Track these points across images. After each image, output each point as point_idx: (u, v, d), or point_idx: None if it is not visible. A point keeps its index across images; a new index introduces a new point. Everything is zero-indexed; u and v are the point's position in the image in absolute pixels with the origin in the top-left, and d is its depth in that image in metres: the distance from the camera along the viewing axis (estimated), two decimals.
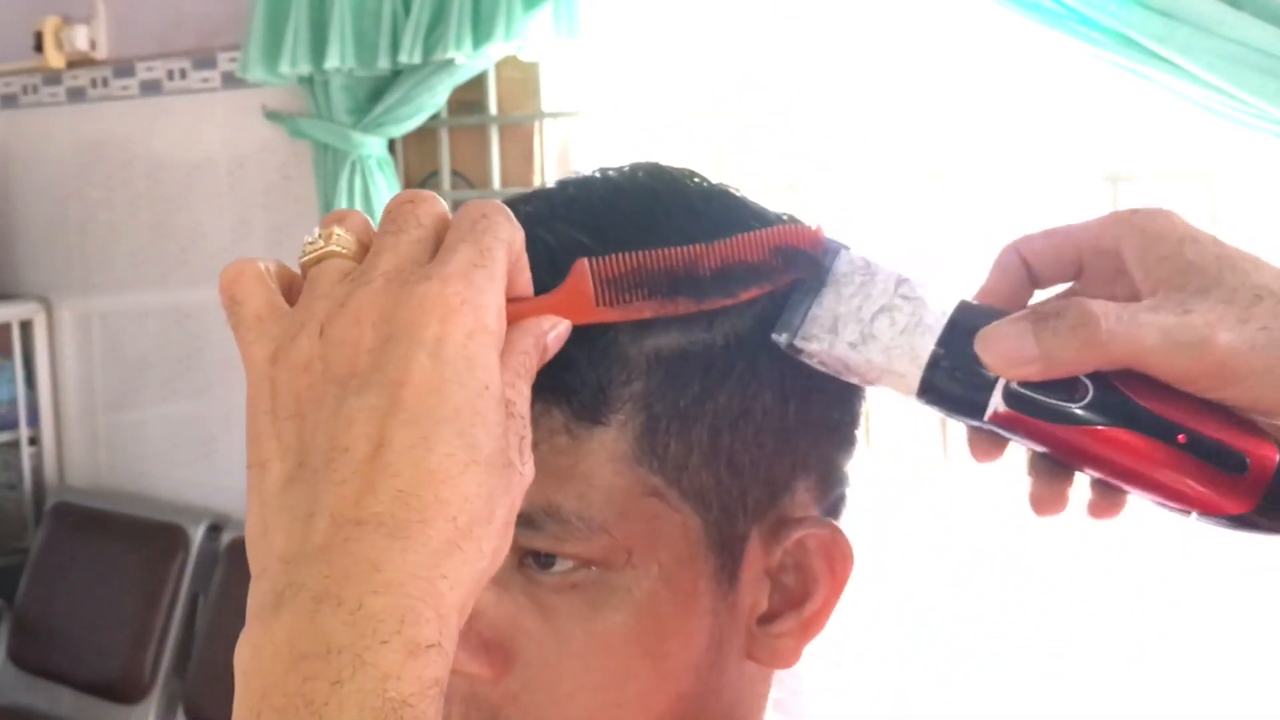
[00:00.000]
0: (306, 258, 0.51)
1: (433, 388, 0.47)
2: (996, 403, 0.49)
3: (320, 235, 0.52)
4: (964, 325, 0.49)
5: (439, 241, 0.52)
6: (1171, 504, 0.50)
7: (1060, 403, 0.48)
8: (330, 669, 0.43)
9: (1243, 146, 1.91)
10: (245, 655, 0.45)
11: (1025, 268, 0.56)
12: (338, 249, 0.51)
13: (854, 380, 0.53)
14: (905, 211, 2.28)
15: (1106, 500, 0.53)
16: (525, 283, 0.53)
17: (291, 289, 0.51)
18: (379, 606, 0.44)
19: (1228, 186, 2.05)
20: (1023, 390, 0.48)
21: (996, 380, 0.49)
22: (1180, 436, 0.49)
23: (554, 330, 0.52)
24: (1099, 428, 0.49)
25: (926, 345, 0.49)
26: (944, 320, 0.49)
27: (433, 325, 0.47)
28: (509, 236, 0.51)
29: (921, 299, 0.51)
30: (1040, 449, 0.51)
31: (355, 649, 0.44)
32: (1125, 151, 2.12)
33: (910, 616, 2.25)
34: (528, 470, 0.49)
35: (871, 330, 0.50)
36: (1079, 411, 0.48)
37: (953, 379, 0.49)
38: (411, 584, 0.45)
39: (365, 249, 0.51)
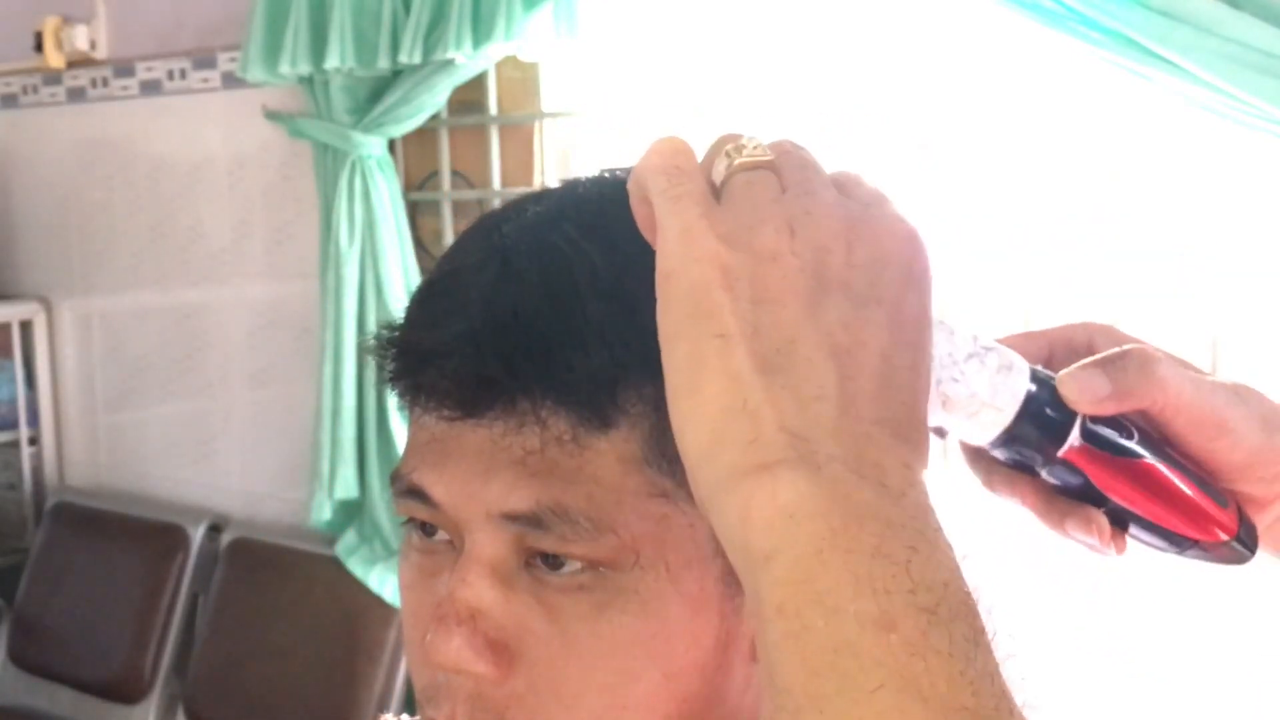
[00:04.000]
0: (744, 158, 0.51)
1: (921, 321, 0.49)
2: (1074, 438, 0.56)
3: (743, 143, 0.52)
4: (1037, 373, 0.56)
5: None
6: (1182, 528, 0.59)
7: (1120, 439, 0.56)
8: (899, 538, 0.43)
9: (1243, 147, 1.91)
10: (779, 497, 0.44)
11: None
12: (766, 157, 0.52)
13: (943, 418, 0.56)
14: (904, 210, 2.27)
15: (1118, 535, 0.60)
16: None
17: None
18: (916, 502, 0.45)
19: (1228, 187, 2.05)
20: (1094, 427, 0.56)
21: (1075, 417, 0.56)
22: (1190, 472, 0.58)
23: None
24: (1144, 461, 0.57)
25: (1023, 385, 0.55)
26: (1027, 366, 0.55)
27: (917, 260, 0.50)
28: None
29: (999, 349, 0.56)
30: (1091, 482, 0.57)
31: (913, 528, 0.44)
32: (1125, 151, 2.12)
33: None
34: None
35: (964, 371, 0.55)
36: (1133, 446, 0.57)
37: (1041, 416, 0.55)
38: (924, 486, 0.47)
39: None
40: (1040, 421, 0.55)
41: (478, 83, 2.60)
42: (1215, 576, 1.96)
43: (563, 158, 2.63)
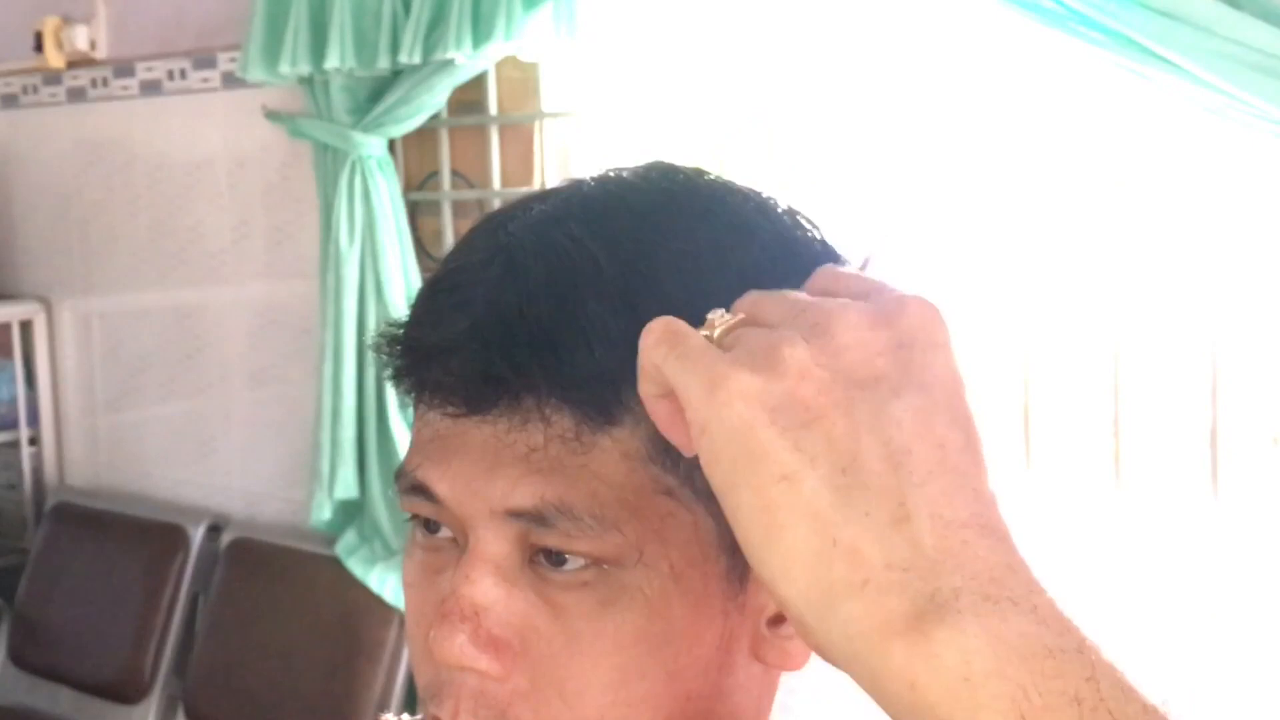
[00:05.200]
0: (724, 323, 0.50)
1: (958, 390, 0.48)
2: None
3: (713, 319, 0.50)
4: None
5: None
6: None
7: None
8: (1070, 668, 0.42)
9: (1242, 147, 1.91)
10: (943, 661, 0.43)
11: None
12: (740, 315, 0.50)
13: None
14: (905, 210, 2.28)
15: None
16: None
17: None
18: (1045, 605, 0.44)
19: (1228, 188, 2.05)
20: None
21: None
22: None
23: None
24: None
25: None
26: None
27: (935, 327, 0.48)
28: None
29: None
30: None
31: (1069, 647, 0.43)
32: (1125, 151, 2.12)
33: None
34: None
35: None
36: None
37: None
38: (1034, 576, 0.45)
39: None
40: None
41: (478, 83, 2.60)
42: None
43: (563, 158, 2.63)
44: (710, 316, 0.50)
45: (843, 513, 0.44)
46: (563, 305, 0.56)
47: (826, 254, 0.62)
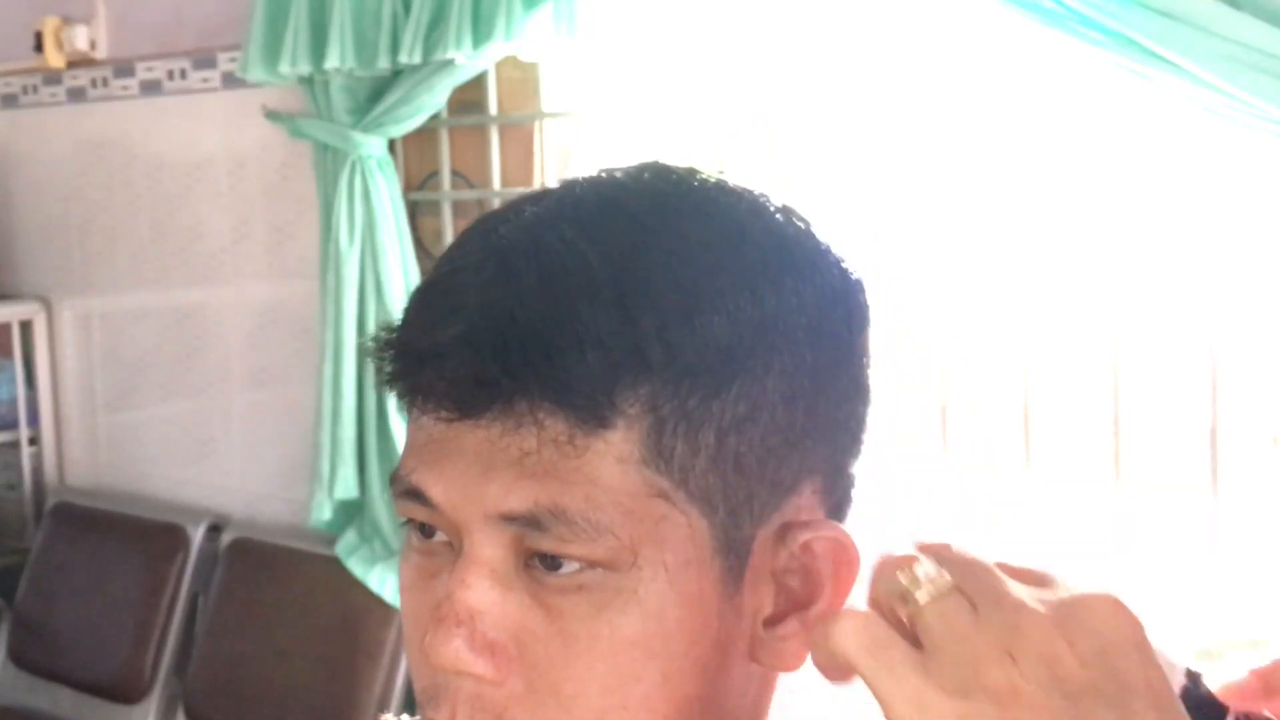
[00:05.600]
0: (926, 592, 0.50)
1: (1160, 683, 0.48)
2: None
3: (913, 577, 0.51)
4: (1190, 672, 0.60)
5: None
6: None
7: None
8: None
9: (1242, 147, 1.91)
10: None
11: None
12: (947, 581, 0.50)
13: None
14: (905, 210, 2.28)
15: None
16: None
17: None
18: None
19: (1227, 186, 2.05)
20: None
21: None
22: None
23: None
24: None
25: (1177, 684, 0.58)
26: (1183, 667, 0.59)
27: (1136, 628, 0.49)
28: None
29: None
30: None
31: None
32: (1125, 151, 2.12)
33: None
34: None
35: None
36: None
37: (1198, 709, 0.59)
38: None
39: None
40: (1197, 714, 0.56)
41: (478, 83, 2.60)
42: None
43: (563, 158, 2.63)
44: (916, 571, 0.50)
45: None
46: (555, 308, 0.56)
47: (820, 253, 0.62)
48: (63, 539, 3.25)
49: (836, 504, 0.63)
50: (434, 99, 2.55)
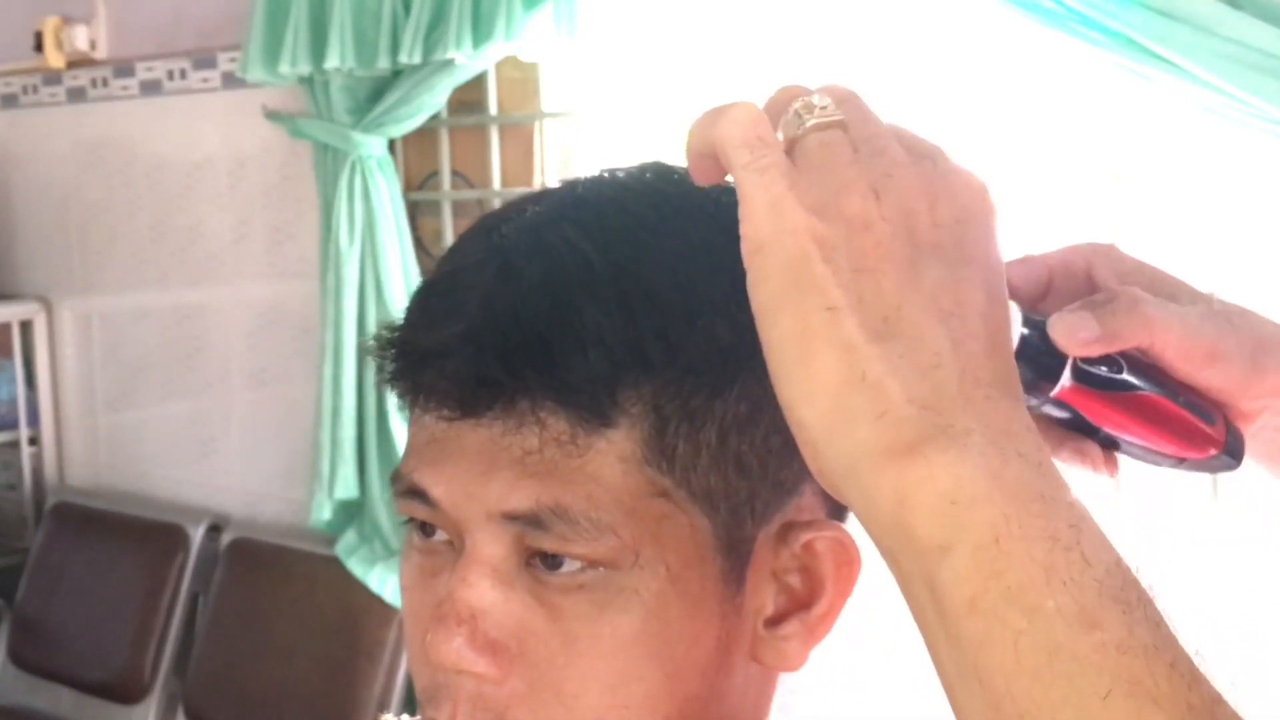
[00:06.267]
0: (815, 119, 0.51)
1: (999, 267, 0.50)
2: (1066, 379, 0.57)
3: (807, 104, 0.52)
4: (1030, 317, 0.58)
5: None
6: (1175, 450, 0.61)
7: (1110, 374, 0.58)
8: (1059, 514, 0.44)
9: (1242, 147, 1.91)
10: (937, 481, 0.44)
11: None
12: (837, 116, 0.52)
13: None
14: None
15: (1110, 459, 0.62)
16: None
17: None
18: (1050, 465, 0.46)
19: (1227, 187, 2.05)
20: (1084, 367, 0.58)
21: (1067, 359, 0.57)
22: (1179, 396, 0.60)
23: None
24: (1136, 393, 0.59)
25: (1016, 330, 0.56)
26: (1019, 315, 0.56)
27: (993, 212, 0.51)
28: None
29: None
30: (1087, 419, 0.60)
31: (1064, 501, 0.45)
32: (1125, 150, 2.12)
33: (909, 616, 2.25)
34: None
35: None
36: (1123, 378, 0.59)
37: (1035, 359, 0.57)
38: (1045, 447, 0.47)
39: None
40: (1034, 364, 0.57)
41: (478, 83, 2.60)
42: None
43: (563, 158, 2.63)
44: (812, 99, 0.52)
45: (877, 350, 0.46)
46: (557, 308, 0.56)
47: None
48: (63, 539, 3.25)
49: (837, 504, 0.63)
50: (434, 99, 2.55)
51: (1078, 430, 0.60)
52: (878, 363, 0.46)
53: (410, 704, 2.56)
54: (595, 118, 2.57)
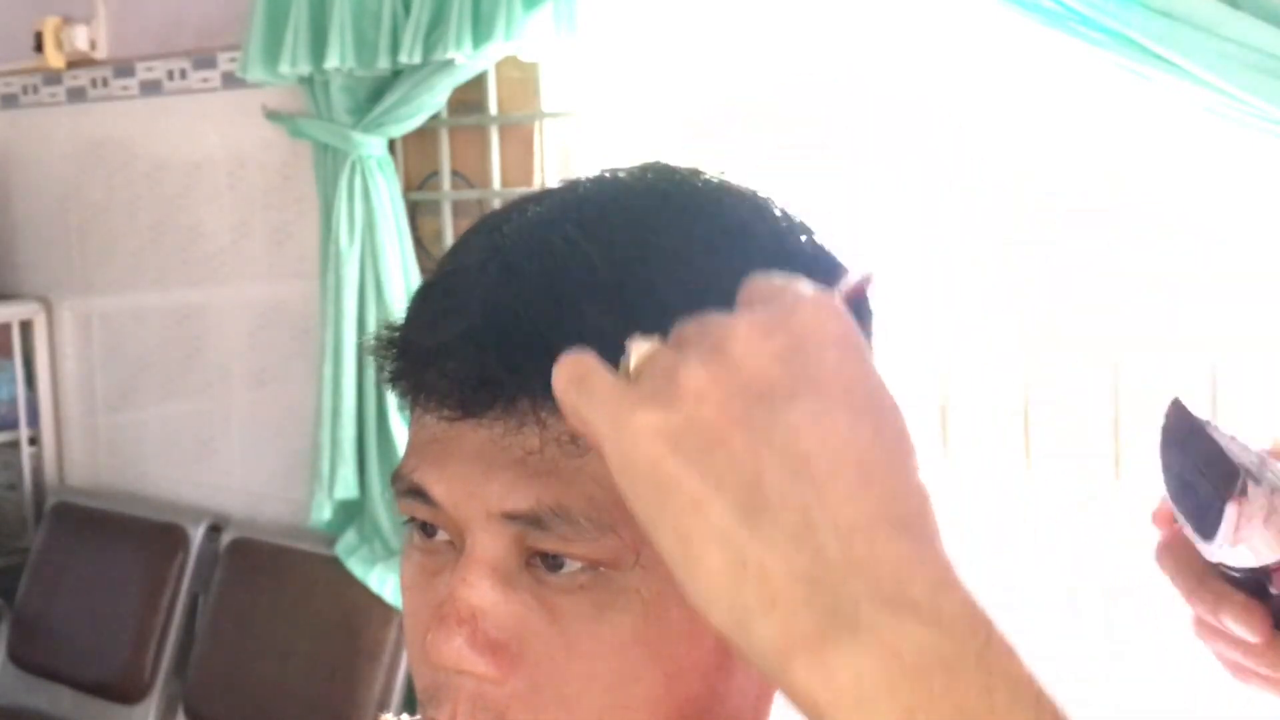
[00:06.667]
0: (638, 355, 0.49)
1: (860, 383, 0.46)
2: None
3: (629, 355, 0.50)
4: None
5: None
6: None
7: None
8: (964, 679, 0.42)
9: (1242, 147, 1.91)
10: (838, 681, 0.42)
11: None
12: (655, 344, 0.50)
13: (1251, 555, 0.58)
14: (904, 209, 2.28)
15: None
16: None
17: None
18: (952, 605, 0.43)
19: (1227, 186, 2.05)
20: None
21: None
22: None
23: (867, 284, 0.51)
24: None
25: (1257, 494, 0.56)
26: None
27: (832, 323, 0.47)
28: None
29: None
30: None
31: (966, 652, 0.43)
32: (1125, 151, 2.12)
33: None
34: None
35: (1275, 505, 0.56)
36: None
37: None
38: (948, 573, 0.44)
39: None
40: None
41: (478, 83, 2.60)
42: None
43: (563, 158, 2.63)
44: (629, 346, 0.49)
45: (750, 531, 0.44)
46: (558, 308, 0.56)
47: (821, 254, 0.62)
48: (63, 539, 3.25)
49: None
50: (434, 99, 2.55)
51: (1249, 588, 0.58)
52: (754, 544, 0.44)
53: (410, 704, 2.56)
54: (595, 118, 2.57)
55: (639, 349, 0.49)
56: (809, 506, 0.44)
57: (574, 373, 0.48)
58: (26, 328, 3.46)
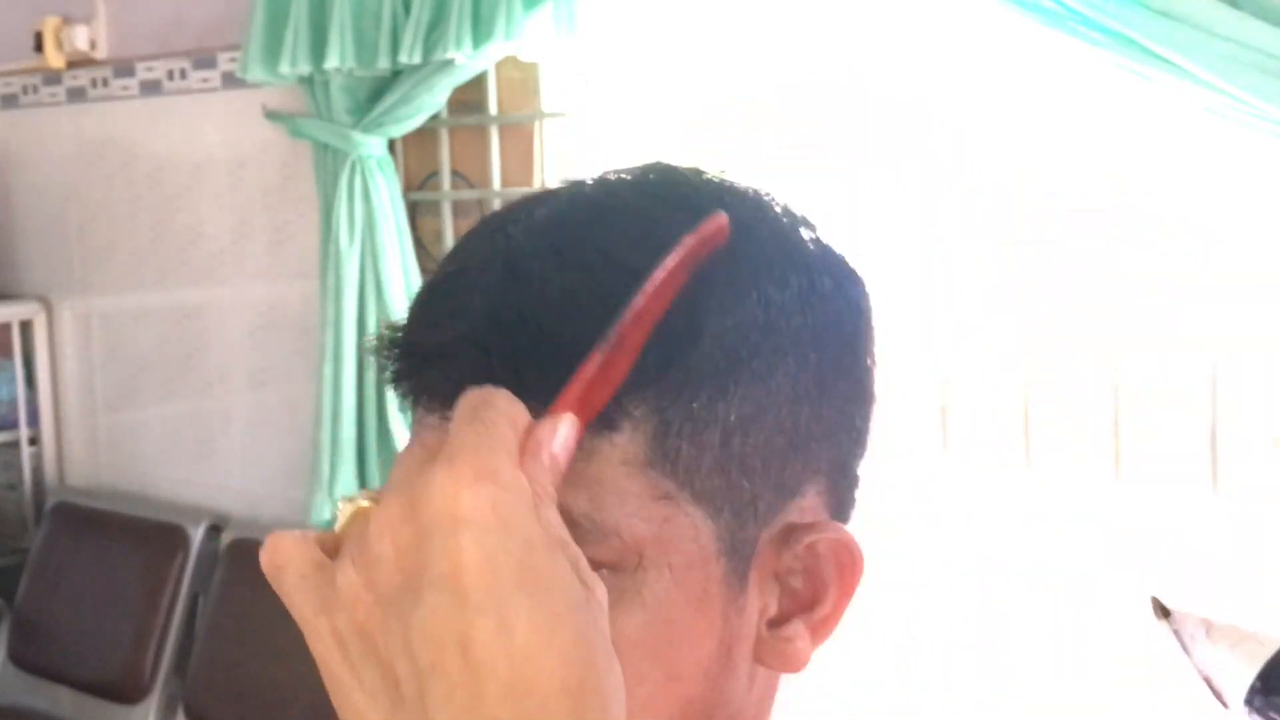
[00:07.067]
0: (340, 522, 0.51)
1: (484, 566, 0.44)
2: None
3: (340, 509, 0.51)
4: None
5: None
6: None
7: None
8: None
9: (1242, 147, 1.91)
10: None
11: None
12: (365, 503, 0.50)
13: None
14: (904, 209, 2.28)
15: None
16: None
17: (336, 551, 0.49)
18: None
19: (1227, 186, 2.05)
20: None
21: None
22: None
23: (559, 441, 0.49)
24: None
25: None
26: None
27: (458, 505, 0.44)
28: (504, 406, 0.50)
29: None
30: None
31: None
32: (1125, 151, 2.12)
33: (910, 617, 2.25)
34: (599, 589, 0.47)
35: None
36: None
37: None
38: None
39: None
40: None
41: (478, 83, 2.60)
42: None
43: (563, 158, 2.63)
44: (340, 503, 0.50)
45: None
46: (561, 310, 0.56)
47: (824, 253, 0.62)
48: (63, 539, 3.25)
49: (840, 505, 0.63)
50: (434, 99, 2.55)
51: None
52: None
53: None
54: (595, 118, 2.57)
55: (344, 510, 0.50)
56: (437, 711, 0.43)
57: (270, 563, 0.49)
58: (26, 328, 3.46)
